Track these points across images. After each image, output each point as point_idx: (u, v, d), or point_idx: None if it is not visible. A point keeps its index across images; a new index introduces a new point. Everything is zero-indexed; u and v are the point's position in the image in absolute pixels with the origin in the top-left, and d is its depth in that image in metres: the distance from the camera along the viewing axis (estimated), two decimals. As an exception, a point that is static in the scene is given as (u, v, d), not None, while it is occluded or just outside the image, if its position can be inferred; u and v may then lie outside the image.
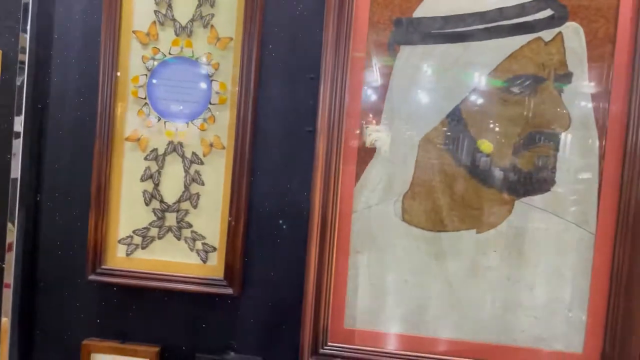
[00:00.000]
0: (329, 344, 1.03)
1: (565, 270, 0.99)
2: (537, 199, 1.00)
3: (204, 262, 1.06)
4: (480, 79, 1.00)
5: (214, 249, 1.06)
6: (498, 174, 1.00)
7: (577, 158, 0.99)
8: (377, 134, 1.03)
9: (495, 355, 1.01)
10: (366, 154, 1.03)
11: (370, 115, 1.02)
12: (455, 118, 1.00)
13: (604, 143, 0.98)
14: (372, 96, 1.02)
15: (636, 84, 0.95)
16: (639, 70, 0.95)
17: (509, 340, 1.01)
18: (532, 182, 0.99)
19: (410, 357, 1.01)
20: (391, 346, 1.03)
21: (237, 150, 1.03)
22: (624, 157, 0.96)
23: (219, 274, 1.05)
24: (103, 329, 1.08)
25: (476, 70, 1.00)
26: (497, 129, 1.00)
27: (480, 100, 1.00)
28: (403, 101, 1.01)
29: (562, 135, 0.98)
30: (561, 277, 1.00)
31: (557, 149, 0.99)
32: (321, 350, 1.02)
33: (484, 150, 1.00)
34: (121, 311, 1.08)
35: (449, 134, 1.01)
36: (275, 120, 1.05)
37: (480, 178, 1.01)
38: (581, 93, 0.98)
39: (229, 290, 1.04)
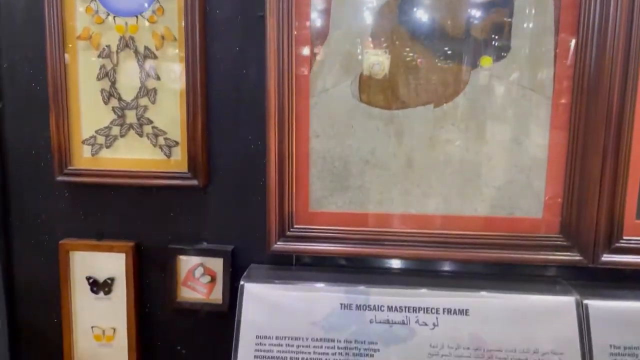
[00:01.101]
0: (295, 226, 1.05)
1: (523, 138, 1.00)
2: (493, 68, 0.98)
3: (168, 157, 1.07)
4: (431, -55, 0.96)
5: (176, 143, 1.07)
6: (454, 44, 0.98)
7: (532, 23, 0.96)
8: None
9: (459, 225, 1.03)
10: (319, 36, 1.01)
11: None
12: (407, -11, 0.98)
13: (559, 5, 0.95)
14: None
15: (591, -64, 0.91)
16: None
17: (471, 210, 1.03)
18: (487, 50, 0.98)
19: (375, 233, 1.04)
20: (356, 225, 1.05)
21: (188, 40, 1.01)
22: (578, 20, 0.94)
23: (184, 167, 1.06)
24: (78, 229, 1.12)
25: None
26: (450, -3, 0.97)
27: (431, -32, 0.97)
28: (352, -25, 0.98)
29: (517, 1, 0.96)
30: (519, 145, 1.00)
31: (511, 15, 0.97)
32: (288, 233, 1.05)
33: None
34: (94, 210, 1.11)
35: (403, 6, 0.98)
36: (225, 7, 1.03)
37: (434, 51, 0.99)
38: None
39: (195, 182, 1.06)
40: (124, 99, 1.06)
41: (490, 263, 1.04)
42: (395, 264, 1.09)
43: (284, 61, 1.00)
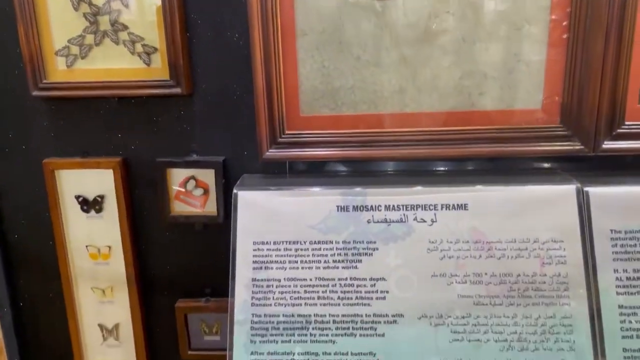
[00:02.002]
0: (287, 132, 1.02)
1: (523, 22, 0.94)
2: (490, -53, 0.91)
3: (148, 64, 1.01)
4: None
5: (155, 49, 1.00)
6: None
7: None
8: None
9: (456, 121, 0.99)
10: None
11: None
12: None
13: None
14: None
15: None
16: None
17: (469, 105, 0.99)
18: None
19: (370, 134, 1.01)
20: (350, 127, 1.01)
21: None
22: None
23: (165, 75, 1.01)
24: (60, 146, 1.08)
25: None
26: None
27: None
28: None
29: None
30: (519, 31, 0.94)
31: None
32: (279, 139, 1.02)
33: None
34: (74, 126, 1.06)
35: None
36: None
37: None
38: None
39: (178, 90, 1.00)
40: (94, 4, 0.98)
41: (490, 158, 1.01)
42: (392, 165, 1.06)
43: (264, -48, 0.92)
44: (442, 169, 1.06)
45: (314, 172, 1.07)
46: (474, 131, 0.98)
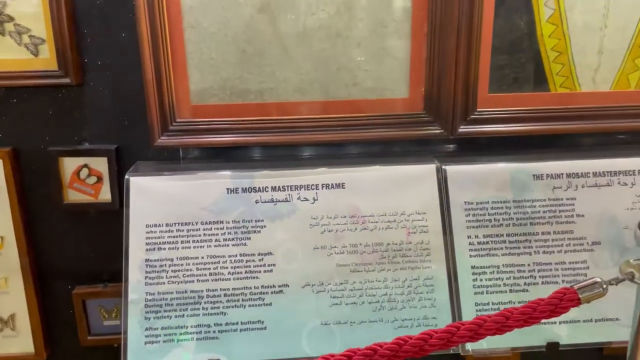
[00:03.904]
0: (178, 120, 1.07)
1: (389, 21, 1.06)
2: (357, -48, 1.02)
3: (36, 55, 1.03)
4: None
5: (43, 40, 1.02)
6: None
7: None
8: None
9: (336, 109, 1.10)
10: None
11: None
12: None
13: None
14: None
15: None
16: None
17: (345, 94, 1.09)
18: None
19: (256, 122, 1.09)
20: (238, 115, 1.09)
21: None
22: None
23: (54, 65, 1.03)
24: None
25: None
26: None
27: None
28: None
29: None
30: (385, 28, 1.06)
31: None
32: (171, 127, 1.07)
33: None
34: (-40, 117, 1.06)
35: None
36: None
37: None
38: None
39: (67, 80, 1.03)
40: (-24, -6, 0.99)
41: (364, 142, 1.12)
42: (278, 151, 1.15)
43: (149, -52, 0.97)
44: (325, 153, 1.16)
45: (208, 158, 1.14)
46: (350, 118, 1.09)
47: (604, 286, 0.70)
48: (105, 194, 1.11)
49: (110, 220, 1.12)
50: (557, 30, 1.06)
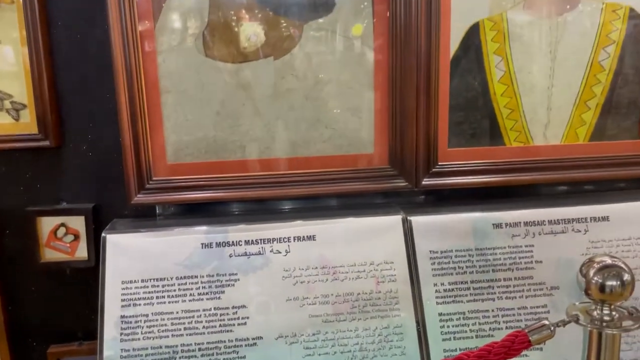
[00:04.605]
0: (154, 178, 1.12)
1: (354, 83, 1.14)
2: (322, 22, 1.10)
3: (17, 120, 1.07)
4: None
5: (24, 106, 1.07)
6: (286, 2, 1.09)
7: (353, -20, 1.10)
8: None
9: (307, 165, 1.15)
10: (161, -6, 1.07)
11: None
12: (239, -50, 1.06)
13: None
14: None
15: None
16: None
17: (314, 151, 1.16)
18: (315, 6, 1.10)
19: (230, 178, 1.14)
20: (213, 172, 1.14)
21: (26, 2, 1.02)
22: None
23: (34, 129, 1.07)
24: None
25: None
26: (279, -42, 1.07)
27: None
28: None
29: (336, -41, 1.08)
30: (351, 90, 1.14)
31: (334, -27, 1.09)
32: (147, 185, 1.11)
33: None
34: (-61, 180, 1.09)
35: (236, -33, 1.07)
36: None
37: (270, 8, 1.09)
38: None
39: (47, 143, 1.07)
40: (-39, 64, 1.04)
41: (333, 196, 1.18)
42: (252, 205, 1.19)
43: (127, 21, 1.04)
44: (296, 206, 1.21)
45: (184, 214, 1.17)
46: (319, 173, 1.15)
47: (552, 328, 0.74)
48: (81, 252, 1.13)
49: (86, 278, 1.14)
50: (509, 89, 1.15)
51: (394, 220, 1.10)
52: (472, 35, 1.13)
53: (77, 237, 1.13)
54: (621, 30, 1.15)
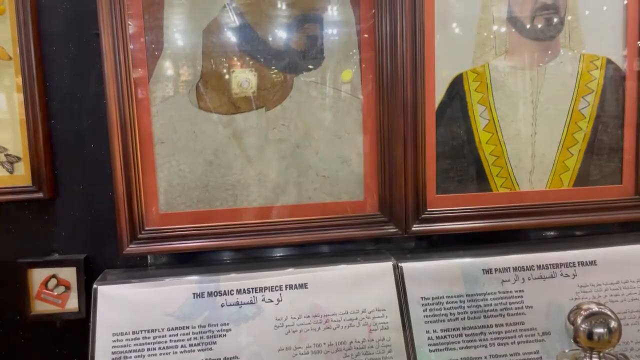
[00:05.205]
0: (146, 228, 1.12)
1: (343, 132, 1.17)
2: (311, 75, 1.14)
3: (11, 172, 1.09)
4: (249, -30, 1.10)
5: (19, 158, 1.09)
6: (277, 55, 1.13)
7: (340, 34, 1.14)
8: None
9: (297, 213, 1.17)
10: (155, 49, 1.10)
11: (153, 5, 1.08)
12: (231, 8, 1.10)
13: (359, 19, 1.14)
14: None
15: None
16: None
17: (305, 199, 1.17)
18: (305, 60, 1.14)
19: (222, 227, 1.15)
20: (205, 221, 1.15)
21: (23, 58, 1.05)
22: (375, 29, 1.13)
23: (28, 181, 1.08)
24: None
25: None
26: (271, 13, 1.12)
27: (250, -10, 1.11)
28: (180, -5, 1.09)
29: (324, 15, 1.13)
30: (340, 139, 1.17)
31: (322, 28, 1.14)
32: (139, 235, 1.12)
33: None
34: None
35: (228, 23, 1.11)
36: (60, 26, 1.08)
37: (262, 61, 1.13)
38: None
39: (40, 195, 1.08)
40: (-43, 118, 1.06)
41: (324, 243, 1.19)
42: (244, 253, 1.20)
43: (122, 75, 1.07)
44: (288, 253, 1.22)
45: (175, 263, 1.18)
46: (310, 221, 1.16)
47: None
48: (72, 303, 1.12)
49: (76, 330, 1.13)
50: (493, 137, 1.19)
51: (385, 267, 1.11)
52: (457, 85, 1.18)
53: (68, 288, 1.12)
54: (599, 80, 1.20)
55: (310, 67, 1.14)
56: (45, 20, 1.07)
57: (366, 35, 1.14)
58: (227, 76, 1.12)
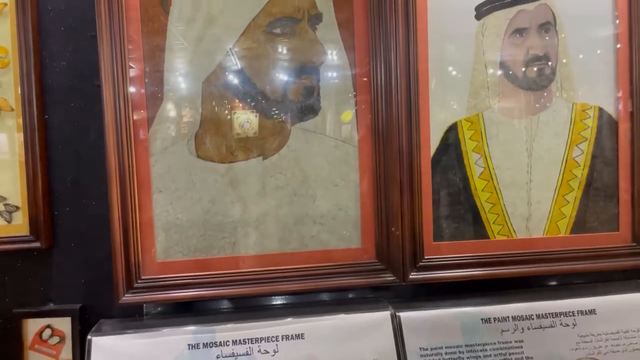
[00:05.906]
0: (143, 277, 1.12)
1: (339, 180, 1.18)
2: (308, 124, 1.16)
3: (9, 222, 1.09)
4: (247, 24, 1.14)
5: (17, 208, 1.09)
6: (275, 106, 1.15)
7: (336, 84, 1.17)
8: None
9: (295, 261, 1.17)
10: (155, 99, 1.12)
11: (153, 59, 1.11)
12: (230, 60, 1.13)
13: (354, 70, 1.16)
14: (152, 41, 1.11)
15: (373, 16, 1.14)
16: (374, 5, 1.15)
17: (302, 246, 1.17)
18: (302, 109, 1.16)
19: (220, 275, 1.14)
20: (202, 270, 1.14)
21: (25, 109, 1.07)
22: (370, 79, 1.15)
23: (26, 231, 1.09)
24: None
25: (242, 16, 1.13)
26: (267, 66, 1.14)
27: (249, 43, 1.14)
28: (181, 45, 1.12)
29: (321, 67, 1.16)
30: (336, 187, 1.18)
31: (319, 79, 1.16)
32: (135, 284, 1.11)
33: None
34: None
35: (227, 75, 1.14)
36: (62, 78, 1.11)
37: (260, 111, 1.15)
38: (331, 29, 1.16)
39: (37, 244, 1.09)
40: (-42, 168, 1.07)
41: (322, 291, 1.18)
42: (241, 301, 1.19)
43: (122, 125, 1.08)
44: (285, 301, 1.21)
45: (171, 312, 1.17)
46: (307, 269, 1.16)
47: None
48: (66, 354, 1.11)
49: (69, 381, 1.11)
50: (489, 184, 1.20)
51: (383, 317, 1.10)
52: (451, 134, 1.19)
53: (62, 339, 1.11)
54: (592, 128, 1.22)
55: (307, 116, 1.16)
56: (48, 73, 1.10)
57: (361, 84, 1.16)
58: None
